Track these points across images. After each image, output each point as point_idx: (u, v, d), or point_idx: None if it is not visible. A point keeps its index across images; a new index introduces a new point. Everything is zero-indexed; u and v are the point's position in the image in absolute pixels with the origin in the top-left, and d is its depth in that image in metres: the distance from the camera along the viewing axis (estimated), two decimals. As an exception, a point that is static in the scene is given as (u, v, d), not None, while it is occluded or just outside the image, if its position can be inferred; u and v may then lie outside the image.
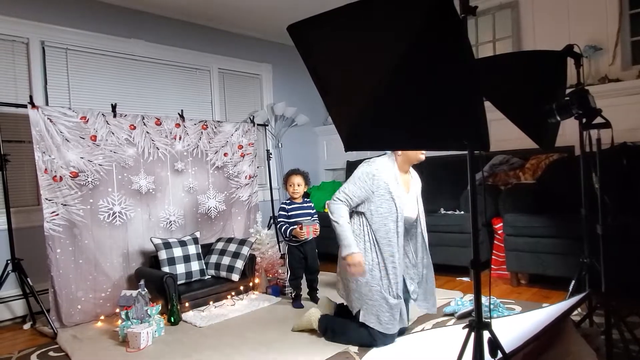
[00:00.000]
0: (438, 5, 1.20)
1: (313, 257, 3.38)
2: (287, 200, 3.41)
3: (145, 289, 2.99)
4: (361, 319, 2.42)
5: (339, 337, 2.51)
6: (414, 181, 2.65)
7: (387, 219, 2.41)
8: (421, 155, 2.52)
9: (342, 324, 2.55)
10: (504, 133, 3.18)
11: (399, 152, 2.51)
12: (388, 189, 2.41)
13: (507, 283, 3.51)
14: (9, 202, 3.16)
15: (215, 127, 4.13)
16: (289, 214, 3.33)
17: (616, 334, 2.01)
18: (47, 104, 3.64)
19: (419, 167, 2.56)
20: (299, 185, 3.36)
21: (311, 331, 2.68)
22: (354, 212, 2.51)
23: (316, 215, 3.41)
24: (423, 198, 2.49)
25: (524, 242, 3.30)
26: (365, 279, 2.41)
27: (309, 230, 3.24)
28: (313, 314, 2.67)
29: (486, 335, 1.43)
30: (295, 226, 3.25)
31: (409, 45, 1.32)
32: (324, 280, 3.60)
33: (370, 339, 2.41)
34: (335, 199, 2.46)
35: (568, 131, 3.53)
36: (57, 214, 3.12)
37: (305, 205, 3.40)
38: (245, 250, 3.61)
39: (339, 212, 2.42)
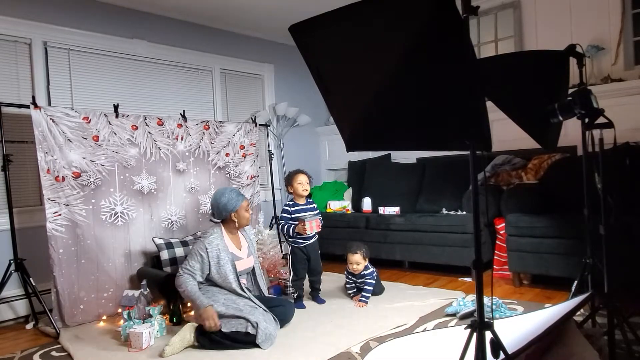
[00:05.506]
0: (440, 5, 1.20)
1: (316, 258, 3.35)
2: (289, 202, 3.38)
3: (147, 289, 3.00)
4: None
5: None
6: (247, 238, 3.05)
7: (227, 278, 2.77)
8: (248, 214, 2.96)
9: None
10: (506, 133, 3.18)
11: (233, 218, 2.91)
12: (219, 256, 2.78)
13: (510, 283, 3.51)
14: (11, 202, 3.17)
15: (217, 128, 4.13)
16: (292, 215, 3.30)
17: (619, 334, 2.00)
18: (49, 104, 3.65)
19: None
20: (307, 183, 3.34)
21: (312, 331, 2.68)
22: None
23: (320, 215, 3.37)
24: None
25: (526, 243, 3.29)
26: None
27: (312, 225, 3.21)
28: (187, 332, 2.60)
29: (488, 335, 1.43)
30: (297, 223, 3.22)
31: (410, 45, 1.32)
32: (326, 280, 3.60)
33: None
34: (178, 273, 2.77)
35: (570, 131, 3.52)
36: (60, 214, 3.13)
37: (308, 206, 3.37)
38: (247, 251, 3.61)
39: (180, 284, 2.71)
